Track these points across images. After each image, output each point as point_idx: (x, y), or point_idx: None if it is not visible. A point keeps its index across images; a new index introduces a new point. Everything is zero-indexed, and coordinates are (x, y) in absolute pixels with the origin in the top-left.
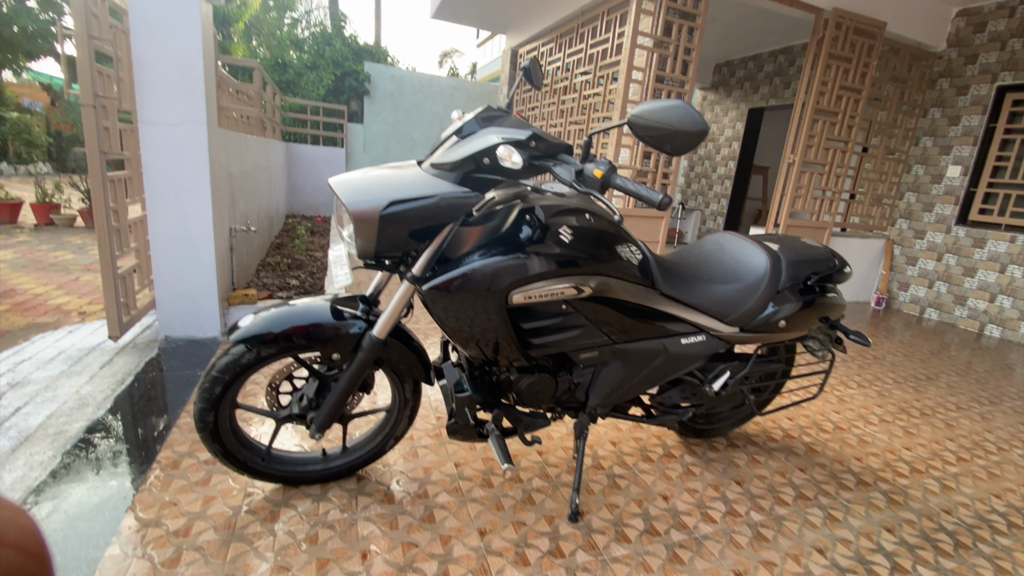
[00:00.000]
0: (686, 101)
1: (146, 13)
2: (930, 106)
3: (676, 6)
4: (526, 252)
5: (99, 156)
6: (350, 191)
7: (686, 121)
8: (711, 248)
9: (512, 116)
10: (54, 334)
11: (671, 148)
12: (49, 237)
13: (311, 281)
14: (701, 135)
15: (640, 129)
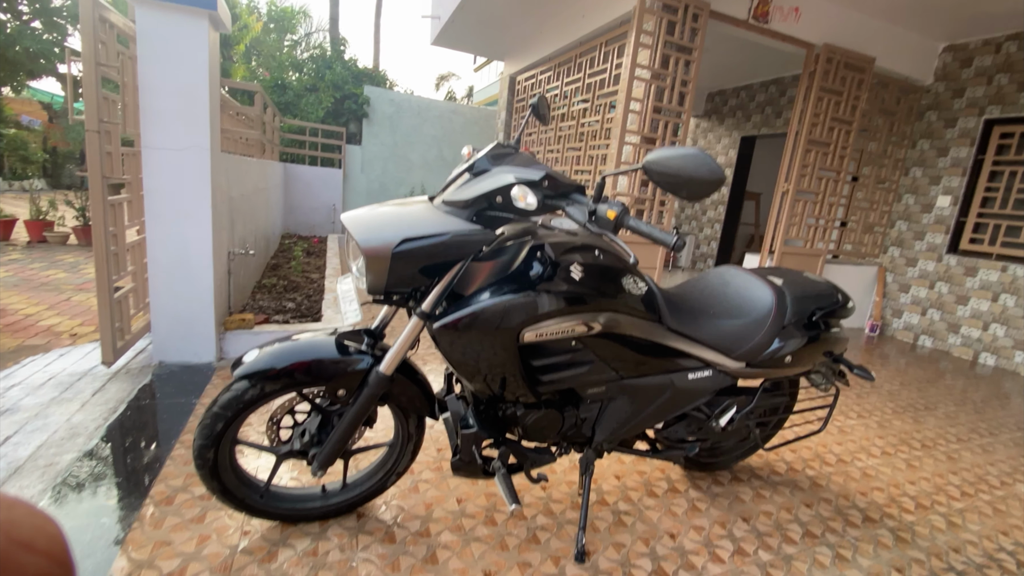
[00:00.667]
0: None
1: (154, 42)
2: (919, 137)
3: (673, 40)
4: (537, 290)
5: (101, 181)
6: (362, 228)
7: (702, 170)
8: (715, 282)
9: (522, 154)
10: (45, 357)
11: (687, 194)
12: (42, 255)
13: (307, 304)
14: (717, 183)
15: (656, 175)
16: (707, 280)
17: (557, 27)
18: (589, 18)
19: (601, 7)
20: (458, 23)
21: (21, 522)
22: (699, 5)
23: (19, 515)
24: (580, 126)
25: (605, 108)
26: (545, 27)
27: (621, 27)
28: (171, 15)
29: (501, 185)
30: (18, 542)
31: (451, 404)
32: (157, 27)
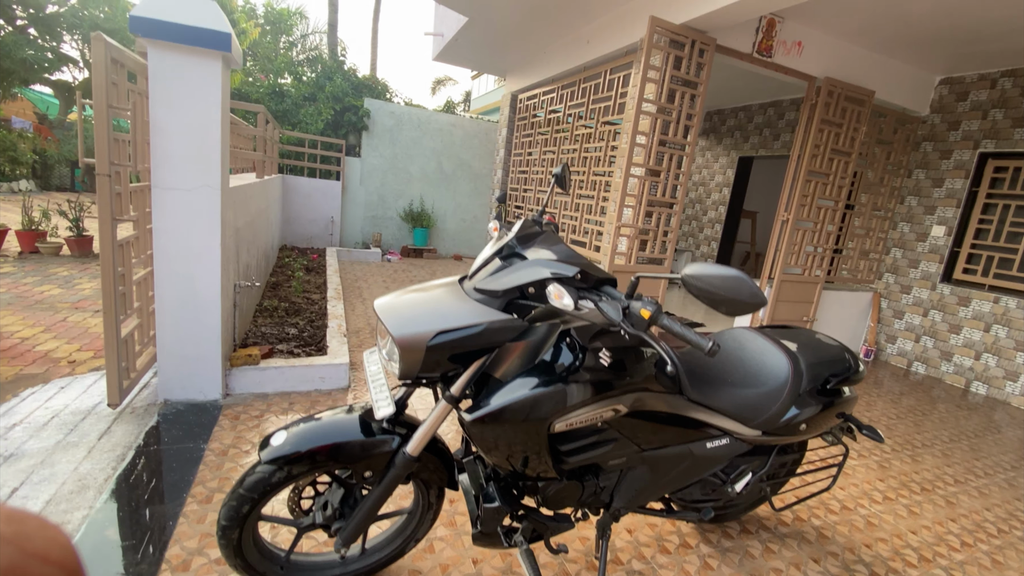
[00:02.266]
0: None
1: (167, 83)
2: (915, 167)
3: (679, 74)
4: (566, 380)
5: (111, 223)
6: (396, 319)
7: (743, 293)
8: (731, 345)
9: (550, 233)
10: (45, 390)
11: (725, 310)
12: (35, 267)
13: (310, 331)
14: (758, 306)
15: (694, 288)
16: (723, 343)
17: (560, 50)
18: (593, 45)
19: (605, 36)
20: (461, 42)
21: (34, 534)
22: (705, 40)
23: (32, 528)
24: (584, 151)
25: (609, 136)
26: (548, 49)
27: (626, 56)
28: (185, 57)
29: (536, 279)
30: (32, 554)
31: (469, 468)
32: (170, 68)
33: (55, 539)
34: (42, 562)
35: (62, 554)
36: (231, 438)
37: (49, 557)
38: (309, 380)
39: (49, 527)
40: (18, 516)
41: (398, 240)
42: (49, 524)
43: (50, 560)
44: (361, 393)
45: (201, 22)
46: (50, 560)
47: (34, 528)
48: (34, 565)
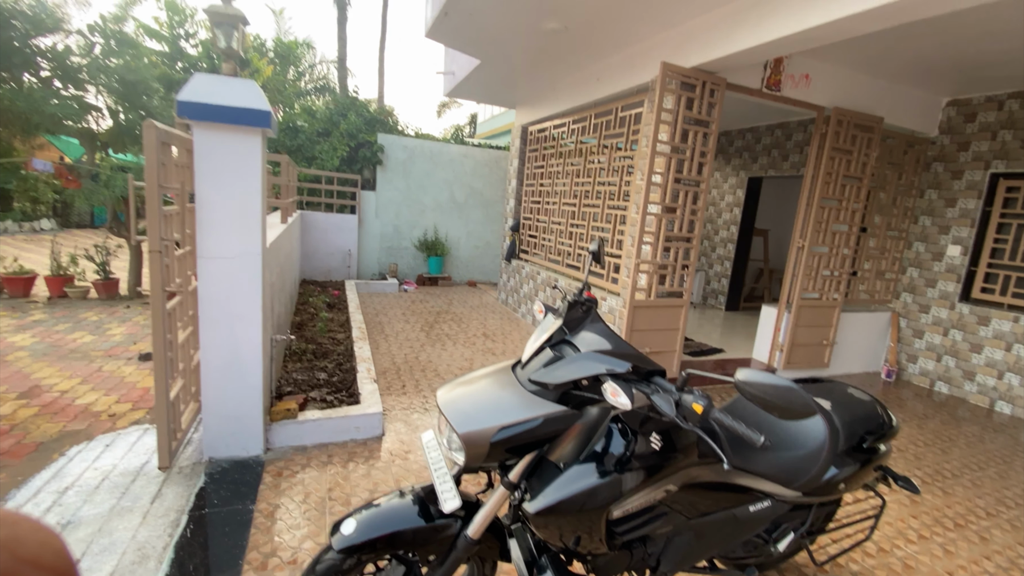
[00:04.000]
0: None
1: (211, 160)
2: (926, 187)
3: (692, 114)
4: (620, 468)
5: (162, 295)
6: (459, 415)
7: (796, 404)
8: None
9: (597, 318)
10: (91, 448)
11: (779, 414)
12: (64, 313)
13: (339, 376)
14: (809, 415)
15: (747, 394)
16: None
17: (571, 87)
18: (604, 83)
19: (616, 75)
20: (472, 80)
21: (26, 539)
22: (716, 81)
23: (23, 532)
24: (598, 184)
25: (623, 171)
26: (558, 86)
27: (637, 95)
28: (228, 135)
29: (590, 374)
30: (24, 559)
31: (519, 535)
32: (214, 146)
33: (48, 543)
34: (34, 567)
35: (55, 559)
36: (277, 498)
37: (41, 562)
38: (345, 431)
39: (42, 530)
40: (11, 519)
41: (413, 269)
42: (42, 527)
43: (42, 565)
44: (394, 441)
45: (243, 102)
46: (42, 565)
47: (26, 532)
48: (26, 570)
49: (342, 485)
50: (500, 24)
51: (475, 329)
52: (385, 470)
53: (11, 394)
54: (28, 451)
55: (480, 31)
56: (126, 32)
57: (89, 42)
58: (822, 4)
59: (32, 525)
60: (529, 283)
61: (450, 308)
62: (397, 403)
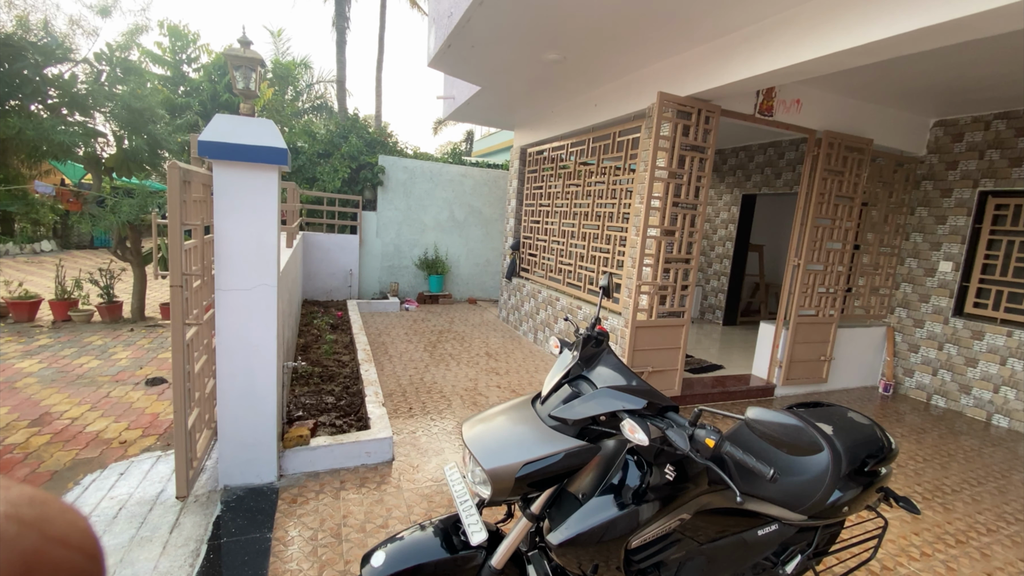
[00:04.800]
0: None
1: (230, 197)
2: (917, 205)
3: (688, 140)
4: (637, 500)
5: (182, 328)
6: (485, 451)
7: (802, 440)
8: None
9: (610, 353)
10: (105, 477)
11: (787, 451)
12: (69, 337)
13: (347, 399)
14: (816, 451)
15: (758, 431)
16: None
17: (569, 111)
18: (601, 108)
19: (613, 101)
20: (472, 105)
21: (54, 518)
22: (710, 108)
23: (52, 512)
24: (596, 206)
25: (622, 193)
26: (557, 110)
27: (634, 121)
28: (246, 172)
29: (608, 411)
30: (53, 538)
31: (536, 561)
32: (233, 182)
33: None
34: (62, 546)
35: (81, 538)
36: (293, 525)
37: (69, 541)
38: (356, 456)
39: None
40: (40, 499)
41: (414, 288)
42: (68, 508)
43: (70, 544)
44: (404, 465)
45: (261, 141)
46: (70, 544)
47: (54, 512)
48: (55, 549)
49: (356, 512)
50: (501, 55)
51: (478, 348)
52: (397, 495)
53: (23, 422)
54: (43, 480)
55: (481, 61)
56: (131, 60)
57: (96, 70)
58: (812, 40)
59: (60, 506)
60: (530, 301)
61: (452, 327)
62: (405, 426)
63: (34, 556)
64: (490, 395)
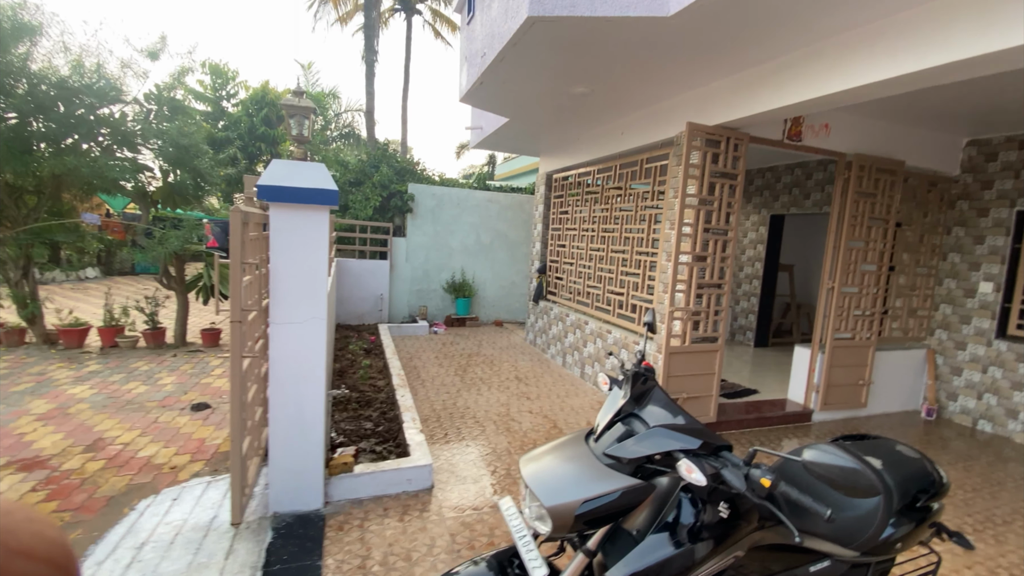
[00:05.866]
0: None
1: (285, 235)
2: (952, 224)
3: (718, 168)
4: (692, 538)
5: (240, 360)
6: (544, 488)
7: (860, 484)
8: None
9: (659, 391)
10: (159, 502)
11: (845, 493)
12: (117, 363)
13: (385, 425)
14: (874, 495)
15: (814, 474)
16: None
17: (594, 139)
18: (628, 137)
19: (640, 129)
20: (499, 134)
21: (18, 529)
22: (739, 136)
23: (15, 522)
24: (625, 231)
25: (651, 219)
26: (583, 138)
27: (662, 148)
28: (300, 212)
29: (663, 451)
30: (15, 551)
31: None
32: (287, 222)
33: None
34: (26, 559)
35: (49, 549)
36: (341, 553)
37: (35, 553)
38: (397, 483)
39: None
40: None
41: (441, 311)
42: (36, 517)
43: (35, 556)
44: (444, 493)
45: (313, 183)
46: (35, 556)
47: (18, 522)
48: (19, 563)
49: (401, 540)
50: (530, 90)
51: (507, 372)
52: (439, 524)
53: (78, 447)
54: (100, 506)
55: (511, 96)
56: (178, 99)
57: (145, 109)
58: (840, 72)
59: (25, 515)
60: (558, 324)
61: (480, 350)
62: (441, 453)
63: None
64: (523, 421)
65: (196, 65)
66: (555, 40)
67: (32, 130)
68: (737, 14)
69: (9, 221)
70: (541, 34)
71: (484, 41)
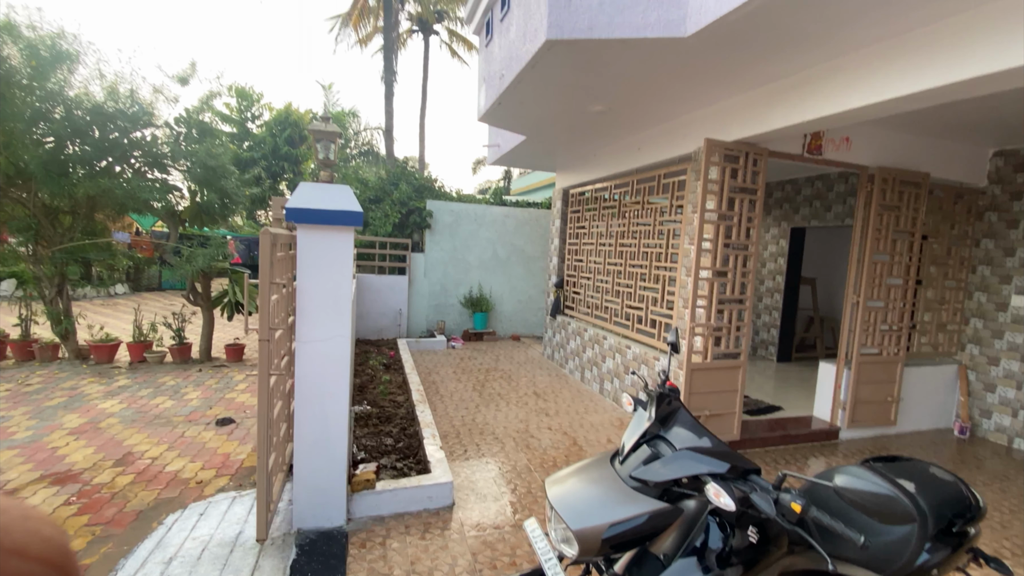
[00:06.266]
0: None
1: (312, 255)
2: (981, 237)
3: (737, 183)
4: (721, 563)
5: (268, 378)
6: (571, 511)
7: (896, 511)
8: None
9: (685, 412)
10: (186, 517)
11: (879, 519)
12: (145, 378)
13: (405, 441)
14: (910, 523)
15: (847, 500)
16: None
17: (611, 154)
18: (645, 152)
19: (657, 145)
20: (516, 152)
21: (11, 527)
22: (758, 151)
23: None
24: (643, 246)
25: (669, 234)
26: (599, 153)
27: (680, 164)
28: (326, 233)
29: (691, 474)
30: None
31: None
32: (314, 243)
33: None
34: (18, 557)
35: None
36: (364, 571)
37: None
38: (418, 501)
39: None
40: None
41: (459, 325)
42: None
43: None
44: (465, 511)
45: (339, 205)
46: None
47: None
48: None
49: (423, 559)
50: (547, 109)
51: (525, 387)
52: (461, 542)
53: (108, 461)
54: (130, 519)
55: (528, 116)
56: (206, 122)
57: (175, 132)
58: (862, 87)
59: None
60: (576, 339)
61: (498, 364)
62: (461, 470)
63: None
64: (542, 437)
65: (223, 89)
66: (573, 61)
67: (69, 153)
68: (754, 33)
69: (46, 241)
70: (559, 56)
71: (502, 63)
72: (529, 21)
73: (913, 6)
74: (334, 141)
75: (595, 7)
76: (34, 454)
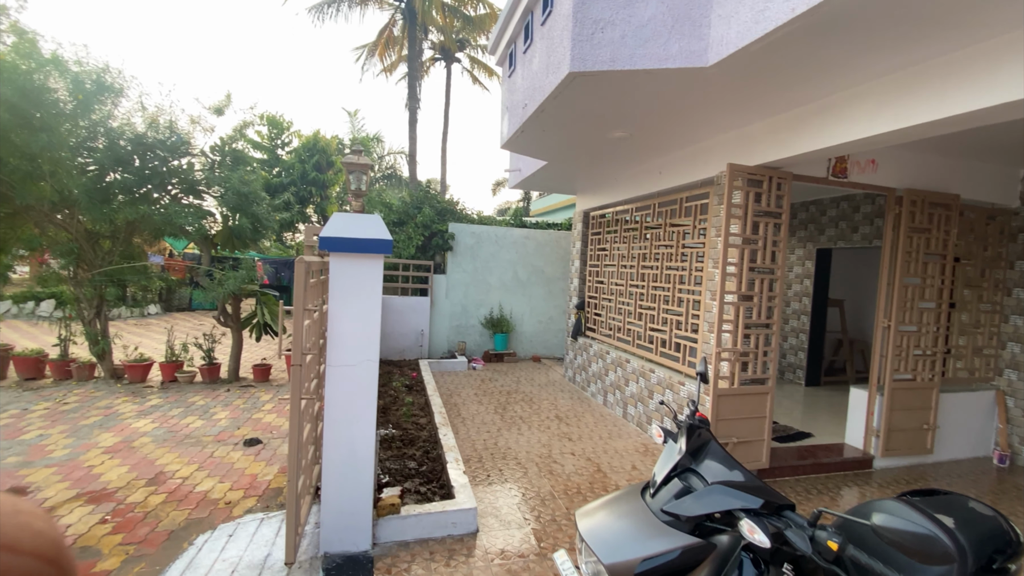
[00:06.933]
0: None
1: (344, 282)
2: (1015, 259)
3: (761, 207)
4: None
5: (299, 403)
6: (603, 545)
7: (935, 551)
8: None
9: (716, 445)
10: (215, 538)
11: (919, 559)
12: (176, 397)
13: (428, 464)
14: (950, 563)
15: (885, 540)
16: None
17: (632, 178)
18: (667, 176)
19: (679, 169)
20: (537, 176)
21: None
22: (782, 175)
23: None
24: (666, 269)
25: (692, 256)
26: (620, 177)
27: (702, 187)
28: (357, 261)
29: (724, 509)
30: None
31: None
32: (345, 270)
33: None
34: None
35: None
36: None
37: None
38: (443, 526)
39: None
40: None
41: (480, 346)
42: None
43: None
44: (489, 538)
45: (369, 234)
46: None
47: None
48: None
49: None
50: (569, 136)
51: (547, 411)
52: (485, 570)
53: (141, 480)
54: (161, 539)
55: (550, 142)
56: (239, 150)
57: (210, 160)
58: (888, 113)
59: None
60: (598, 362)
61: (519, 387)
62: (484, 495)
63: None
64: (565, 463)
65: (256, 118)
66: (595, 92)
67: (110, 181)
68: (776, 61)
69: (86, 264)
70: (581, 87)
71: (525, 93)
72: (552, 54)
73: (936, 38)
74: (366, 173)
75: (617, 40)
76: (71, 472)
